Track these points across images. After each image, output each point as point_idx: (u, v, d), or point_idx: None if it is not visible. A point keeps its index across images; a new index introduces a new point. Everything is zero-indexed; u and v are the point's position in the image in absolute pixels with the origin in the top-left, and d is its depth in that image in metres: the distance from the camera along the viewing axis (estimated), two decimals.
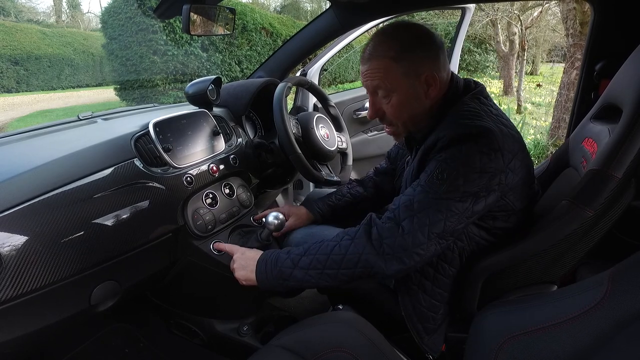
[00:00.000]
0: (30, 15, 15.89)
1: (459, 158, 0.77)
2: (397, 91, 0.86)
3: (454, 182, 0.76)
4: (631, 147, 0.79)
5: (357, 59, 9.57)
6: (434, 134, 0.84)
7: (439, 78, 0.85)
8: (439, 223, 0.77)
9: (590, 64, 1.31)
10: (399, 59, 0.83)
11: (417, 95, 0.86)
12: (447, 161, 0.78)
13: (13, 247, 0.71)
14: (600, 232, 0.85)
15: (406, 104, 0.87)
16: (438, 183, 0.77)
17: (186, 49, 6.87)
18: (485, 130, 0.78)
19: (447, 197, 0.77)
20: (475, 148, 0.77)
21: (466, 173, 0.76)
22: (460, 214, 0.78)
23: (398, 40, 0.84)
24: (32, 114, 7.48)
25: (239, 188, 1.20)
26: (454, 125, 0.81)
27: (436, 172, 0.78)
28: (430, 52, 0.84)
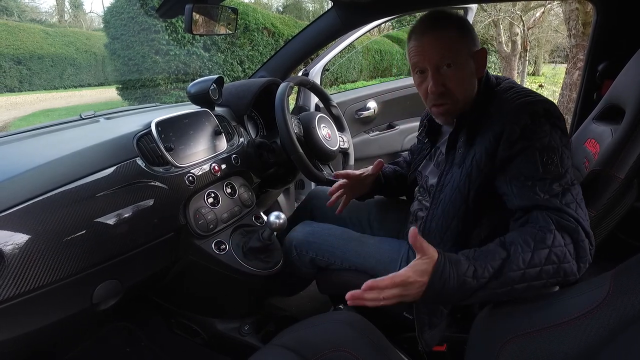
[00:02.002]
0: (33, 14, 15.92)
1: (547, 137, 0.76)
2: (462, 64, 0.86)
3: (562, 161, 0.75)
4: (633, 148, 0.79)
5: (359, 59, 9.59)
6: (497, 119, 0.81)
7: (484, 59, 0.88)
8: (585, 210, 0.75)
9: (592, 64, 1.31)
10: (462, 34, 0.86)
11: (472, 72, 0.87)
12: (542, 147, 0.76)
13: (15, 246, 0.71)
14: (603, 233, 0.85)
15: (466, 79, 0.88)
16: (555, 169, 0.75)
17: (188, 48, 6.87)
18: (552, 105, 0.78)
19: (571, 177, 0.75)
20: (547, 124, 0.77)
21: (561, 148, 0.76)
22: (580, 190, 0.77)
23: (454, 18, 0.87)
24: (35, 113, 7.49)
25: (241, 187, 1.20)
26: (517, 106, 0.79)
27: (542, 159, 0.75)
28: (473, 33, 0.88)
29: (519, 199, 0.77)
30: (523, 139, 0.77)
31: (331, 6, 1.43)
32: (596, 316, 0.54)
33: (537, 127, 0.76)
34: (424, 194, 1.05)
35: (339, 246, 1.12)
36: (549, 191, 0.74)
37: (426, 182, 1.03)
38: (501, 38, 7.80)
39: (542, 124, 0.76)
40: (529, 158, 0.76)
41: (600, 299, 0.54)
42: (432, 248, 0.71)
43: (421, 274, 0.70)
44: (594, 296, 0.55)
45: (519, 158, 0.77)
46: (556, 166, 0.74)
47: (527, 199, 0.76)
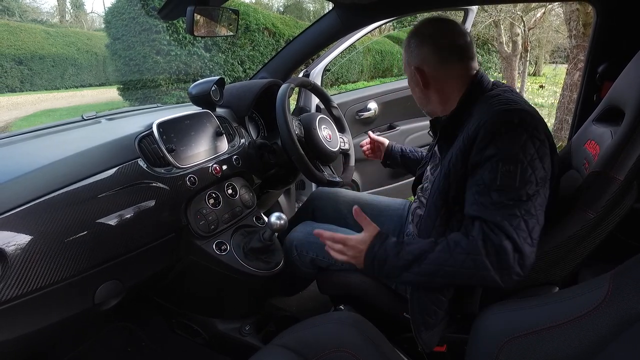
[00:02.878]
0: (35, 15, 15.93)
1: (514, 149, 0.77)
2: (406, 74, 1.00)
3: (523, 177, 0.76)
4: (633, 150, 0.79)
5: (360, 59, 9.58)
6: (471, 124, 0.84)
7: (424, 72, 0.93)
8: (536, 227, 0.77)
9: (592, 65, 1.31)
10: (405, 49, 0.97)
11: (416, 82, 0.96)
12: (505, 158, 0.77)
13: (18, 246, 0.72)
14: (602, 234, 0.85)
15: (410, 86, 1.02)
16: (509, 182, 0.76)
17: (189, 49, 6.87)
18: (527, 115, 0.79)
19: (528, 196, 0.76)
20: (524, 134, 0.77)
21: (530, 161, 0.77)
22: (542, 204, 0.78)
23: (411, 34, 0.96)
24: (36, 113, 7.50)
25: (242, 188, 1.21)
26: (489, 114, 0.81)
27: (501, 170, 0.77)
28: (423, 48, 0.92)
29: (469, 206, 0.82)
30: (492, 147, 0.78)
31: (332, 7, 1.44)
32: (595, 317, 0.54)
33: (509, 136, 0.77)
34: (424, 192, 1.07)
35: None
36: (495, 204, 0.77)
37: (426, 180, 1.07)
38: (502, 38, 7.79)
39: (516, 134, 0.77)
40: (492, 167, 0.78)
41: (600, 300, 0.55)
42: (373, 225, 0.90)
43: (360, 242, 0.88)
44: (593, 297, 0.56)
45: (485, 165, 0.79)
46: (513, 179, 0.76)
47: (475, 208, 0.80)
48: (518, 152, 0.77)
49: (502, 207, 0.76)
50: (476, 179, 0.80)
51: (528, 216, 0.76)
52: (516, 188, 0.76)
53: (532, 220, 0.76)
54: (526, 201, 0.76)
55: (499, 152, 0.77)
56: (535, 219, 0.76)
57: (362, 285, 1.08)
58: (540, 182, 0.77)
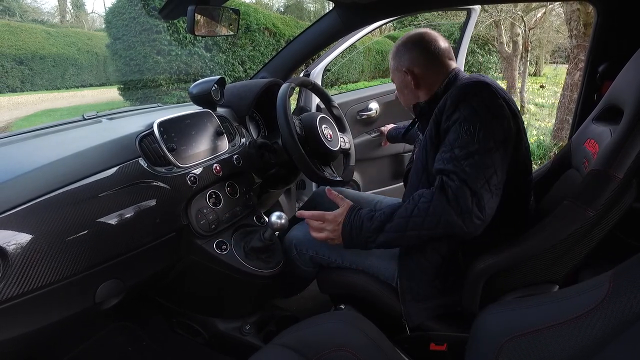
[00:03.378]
0: (35, 15, 15.95)
1: (474, 112, 0.86)
2: (395, 81, 1.12)
3: (481, 133, 0.84)
4: (632, 148, 0.79)
5: (361, 59, 9.59)
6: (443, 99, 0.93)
7: (419, 72, 1.04)
8: (493, 176, 0.84)
9: (593, 65, 1.31)
10: (393, 57, 1.09)
11: (406, 84, 1.07)
12: (466, 119, 0.86)
13: (19, 245, 0.72)
14: (602, 233, 0.85)
15: (401, 92, 1.12)
16: (469, 138, 0.85)
17: (190, 49, 6.88)
18: (485, 84, 0.90)
19: (486, 148, 0.84)
20: (483, 101, 0.87)
21: (486, 122, 0.85)
22: (502, 163, 0.86)
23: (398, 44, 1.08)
24: (37, 113, 7.51)
25: (242, 188, 1.21)
26: (459, 87, 0.91)
27: (463, 130, 0.86)
28: (412, 52, 1.04)
29: (436, 163, 0.90)
30: (457, 112, 0.88)
31: (332, 7, 1.44)
32: (595, 316, 0.54)
33: (468, 101, 0.87)
34: None
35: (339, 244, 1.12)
36: (455, 158, 0.85)
37: None
38: (502, 38, 7.79)
39: (476, 99, 0.87)
40: (456, 128, 0.87)
41: (599, 299, 0.55)
42: (347, 201, 1.00)
43: (337, 215, 0.97)
44: (592, 296, 0.56)
45: (451, 129, 0.88)
46: (472, 136, 0.85)
47: (439, 163, 0.89)
48: (476, 114, 0.86)
49: (462, 158, 0.84)
50: (444, 142, 0.90)
51: (484, 166, 0.83)
52: (474, 143, 0.84)
53: (489, 170, 0.83)
54: (483, 154, 0.83)
55: (460, 115, 0.87)
56: (492, 170, 0.83)
57: (362, 284, 1.08)
58: (498, 142, 0.85)
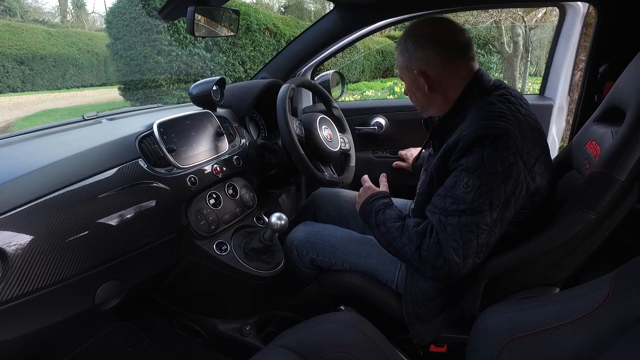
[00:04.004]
0: (36, 15, 15.95)
1: (481, 165, 0.78)
2: (404, 79, 0.99)
3: (478, 193, 0.78)
4: (634, 150, 0.79)
5: (361, 59, 9.57)
6: (457, 131, 0.85)
7: (435, 74, 0.91)
8: (472, 242, 0.79)
9: (594, 66, 1.31)
10: (402, 53, 0.94)
11: (416, 86, 0.95)
12: (470, 170, 0.80)
13: (19, 246, 0.72)
14: (603, 235, 0.85)
15: (411, 93, 0.99)
16: (464, 194, 0.80)
17: (190, 49, 6.88)
18: (504, 133, 0.79)
19: (478, 209, 0.78)
20: (495, 152, 0.78)
21: (490, 181, 0.78)
22: (491, 226, 0.80)
23: (407, 36, 0.93)
24: (37, 113, 7.51)
25: (242, 189, 1.21)
26: (475, 126, 0.82)
27: (462, 181, 0.80)
28: (426, 50, 0.90)
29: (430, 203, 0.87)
30: (464, 158, 0.81)
31: (333, 7, 1.44)
32: (596, 318, 0.54)
33: (478, 151, 0.79)
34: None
35: (340, 247, 1.12)
36: (445, 209, 0.82)
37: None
38: (503, 39, 7.78)
39: (486, 151, 0.79)
40: (457, 175, 0.82)
41: (600, 301, 0.54)
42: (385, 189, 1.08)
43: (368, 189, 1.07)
44: (593, 299, 0.55)
45: (453, 173, 0.83)
46: (468, 193, 0.79)
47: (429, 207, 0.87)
48: (482, 169, 0.78)
49: (448, 214, 0.81)
50: (445, 182, 0.85)
51: (467, 230, 0.79)
52: (467, 201, 0.79)
53: (470, 236, 0.79)
54: (471, 216, 0.79)
55: (466, 162, 0.80)
56: (474, 236, 0.79)
57: (362, 285, 1.08)
58: (495, 204, 0.79)
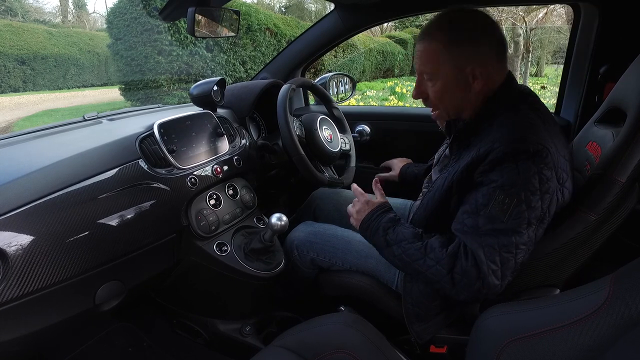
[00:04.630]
0: (37, 15, 15.99)
1: (518, 181, 0.74)
2: (441, 78, 0.86)
3: (516, 211, 0.75)
4: (635, 151, 0.79)
5: (362, 59, 9.59)
6: (486, 141, 0.79)
7: (486, 74, 0.83)
8: (510, 262, 0.77)
9: (594, 66, 1.31)
10: (447, 48, 0.83)
11: (460, 86, 0.85)
12: (504, 187, 0.75)
13: (19, 247, 0.72)
14: (604, 236, 0.85)
15: (448, 92, 0.87)
16: (500, 212, 0.75)
17: (191, 49, 6.88)
18: (543, 149, 0.75)
19: (516, 229, 0.75)
20: (533, 168, 0.74)
21: (527, 198, 0.74)
22: (528, 244, 0.77)
23: (452, 28, 0.83)
24: (38, 113, 7.52)
25: (243, 189, 1.21)
26: (508, 138, 0.77)
27: (497, 199, 0.75)
28: (480, 46, 0.82)
29: (455, 223, 0.83)
30: (496, 172, 0.76)
31: (333, 8, 1.44)
32: (596, 320, 0.54)
33: (515, 167, 0.75)
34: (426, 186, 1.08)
35: (341, 247, 1.12)
36: (479, 229, 0.77)
37: (431, 178, 1.07)
38: None
39: (523, 167, 0.75)
40: (489, 191, 0.77)
41: (600, 302, 0.54)
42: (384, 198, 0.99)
43: (368, 203, 0.98)
44: (593, 300, 0.55)
45: (482, 189, 0.78)
46: (503, 212, 0.75)
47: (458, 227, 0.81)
48: (519, 186, 0.74)
49: (483, 234, 0.77)
50: (471, 199, 0.80)
51: (505, 252, 0.76)
52: (503, 221, 0.75)
53: (508, 257, 0.76)
54: (509, 236, 0.75)
55: (500, 179, 0.75)
56: (512, 256, 0.76)
57: (362, 286, 1.08)
58: (532, 222, 0.76)
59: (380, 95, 8.24)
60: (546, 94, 8.41)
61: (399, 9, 1.41)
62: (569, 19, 3.80)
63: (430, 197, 0.91)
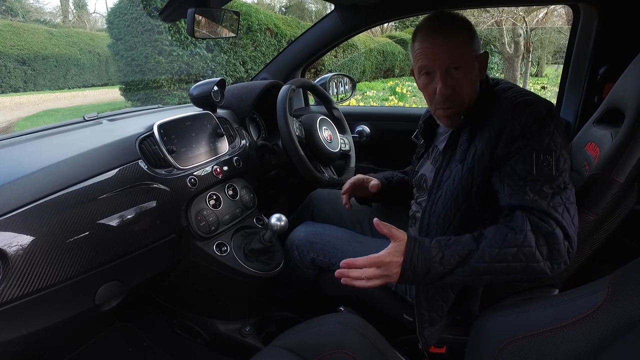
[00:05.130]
0: (38, 15, 16.00)
1: (545, 138, 0.77)
2: (469, 67, 0.87)
3: (558, 163, 0.77)
4: (634, 152, 0.79)
5: (362, 60, 9.59)
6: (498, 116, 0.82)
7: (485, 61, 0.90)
8: (576, 215, 0.77)
9: (593, 67, 1.31)
10: (469, 37, 0.86)
11: (477, 74, 0.89)
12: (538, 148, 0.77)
13: (19, 247, 0.72)
14: (602, 237, 0.85)
15: (473, 81, 0.88)
16: (549, 171, 0.76)
17: (191, 49, 6.88)
18: (552, 106, 0.80)
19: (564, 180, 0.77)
20: (550, 124, 0.78)
21: (560, 151, 0.77)
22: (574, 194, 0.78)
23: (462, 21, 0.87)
24: (39, 113, 7.53)
25: (242, 189, 1.21)
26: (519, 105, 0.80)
27: (540, 159, 0.76)
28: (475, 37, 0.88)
29: (509, 198, 0.79)
30: (522, 138, 0.78)
31: (333, 8, 1.44)
32: (594, 320, 0.54)
33: (539, 127, 0.77)
34: (421, 192, 1.05)
35: (341, 247, 1.12)
36: (539, 192, 0.76)
37: (424, 180, 1.04)
38: (504, 39, 7.78)
39: (545, 124, 0.78)
40: (525, 158, 0.77)
41: (599, 303, 0.54)
42: (401, 232, 0.81)
43: (396, 254, 0.79)
44: (592, 300, 0.55)
45: (516, 157, 0.78)
46: (550, 168, 0.76)
47: (516, 198, 0.78)
48: (550, 142, 0.77)
49: (546, 195, 0.75)
50: (508, 172, 0.79)
51: (569, 203, 0.76)
52: (554, 177, 0.76)
53: (573, 208, 0.77)
54: (564, 189, 0.76)
55: (530, 142, 0.77)
56: (574, 207, 0.77)
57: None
58: (568, 171, 0.78)
59: (381, 95, 8.24)
60: (546, 94, 8.41)
61: (399, 9, 1.41)
62: (569, 19, 3.79)
63: (445, 193, 0.89)
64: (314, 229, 1.19)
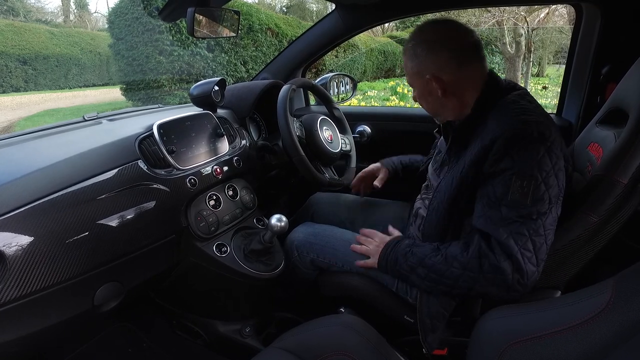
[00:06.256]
0: (39, 15, 16.04)
1: (531, 163, 0.75)
2: (415, 86, 0.94)
3: (537, 193, 0.75)
4: (637, 152, 0.78)
5: (363, 60, 9.59)
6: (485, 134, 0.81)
7: (443, 79, 0.87)
8: (542, 245, 0.76)
9: (596, 67, 1.30)
10: (410, 58, 0.91)
11: (431, 92, 0.90)
12: (520, 171, 0.75)
13: (18, 248, 0.72)
14: (605, 238, 0.84)
15: (423, 99, 0.94)
16: (521, 198, 0.75)
17: (192, 49, 6.88)
18: (546, 128, 0.77)
19: (541, 211, 0.75)
20: (541, 148, 0.75)
21: (544, 177, 0.75)
22: (554, 223, 0.77)
23: (415, 40, 0.90)
24: (40, 113, 7.55)
25: (243, 190, 1.20)
26: (507, 125, 0.78)
27: (515, 185, 0.75)
28: (439, 55, 0.86)
29: (476, 218, 0.81)
30: (507, 159, 0.76)
31: (334, 8, 1.44)
32: (598, 323, 0.53)
33: (526, 150, 0.76)
34: (428, 192, 1.06)
35: (340, 248, 1.12)
36: (504, 220, 0.76)
37: (429, 181, 1.06)
38: (505, 39, 7.77)
39: (533, 149, 0.75)
40: (505, 181, 0.76)
41: (602, 306, 0.54)
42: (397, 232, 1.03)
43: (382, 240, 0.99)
44: (595, 303, 0.55)
45: (497, 178, 0.78)
46: (525, 196, 0.75)
47: (481, 221, 0.79)
48: (533, 168, 0.75)
49: (510, 223, 0.75)
50: (487, 191, 0.79)
51: (536, 235, 0.75)
52: (527, 205, 0.75)
53: (540, 240, 0.75)
54: (536, 220, 0.75)
55: (514, 165, 0.75)
56: (543, 239, 0.76)
57: (362, 287, 1.08)
58: (552, 200, 0.76)
59: (382, 95, 8.23)
60: (548, 94, 8.40)
61: (400, 9, 1.40)
62: (571, 19, 3.78)
63: (437, 204, 0.91)
64: (313, 230, 1.19)
